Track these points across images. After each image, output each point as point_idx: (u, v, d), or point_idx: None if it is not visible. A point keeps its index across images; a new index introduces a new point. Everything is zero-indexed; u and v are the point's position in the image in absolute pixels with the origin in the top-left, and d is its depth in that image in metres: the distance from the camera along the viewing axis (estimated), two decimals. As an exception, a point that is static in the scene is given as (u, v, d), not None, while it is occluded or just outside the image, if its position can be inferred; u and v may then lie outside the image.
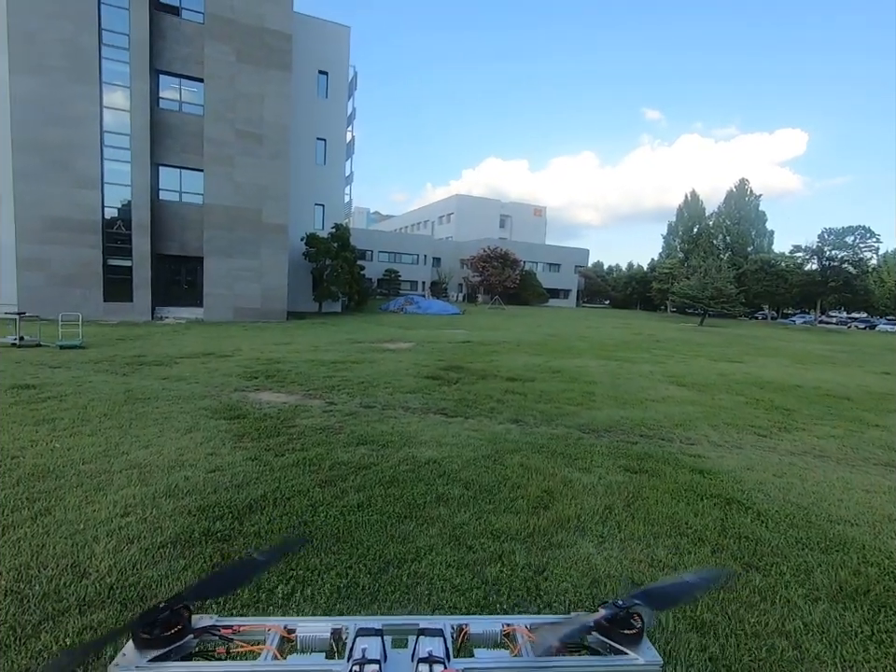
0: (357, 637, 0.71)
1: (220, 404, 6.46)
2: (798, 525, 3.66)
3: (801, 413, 7.73)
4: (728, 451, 5.61)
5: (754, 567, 3.04)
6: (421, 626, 0.74)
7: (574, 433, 5.94)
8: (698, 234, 59.00)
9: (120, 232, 19.07)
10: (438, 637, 0.71)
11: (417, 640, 0.72)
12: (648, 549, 3.21)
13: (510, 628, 0.78)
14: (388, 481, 4.10)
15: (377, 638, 0.70)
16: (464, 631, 0.77)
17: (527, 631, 0.77)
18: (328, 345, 13.21)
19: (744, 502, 4.02)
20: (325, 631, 0.76)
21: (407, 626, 0.76)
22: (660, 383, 9.83)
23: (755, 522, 3.68)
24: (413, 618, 0.78)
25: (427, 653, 0.67)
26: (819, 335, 32.58)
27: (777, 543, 3.35)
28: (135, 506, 3.46)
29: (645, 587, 0.82)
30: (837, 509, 4.04)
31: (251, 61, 20.15)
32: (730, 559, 3.11)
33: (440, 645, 0.70)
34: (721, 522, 3.64)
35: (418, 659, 0.67)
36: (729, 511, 3.85)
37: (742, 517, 3.74)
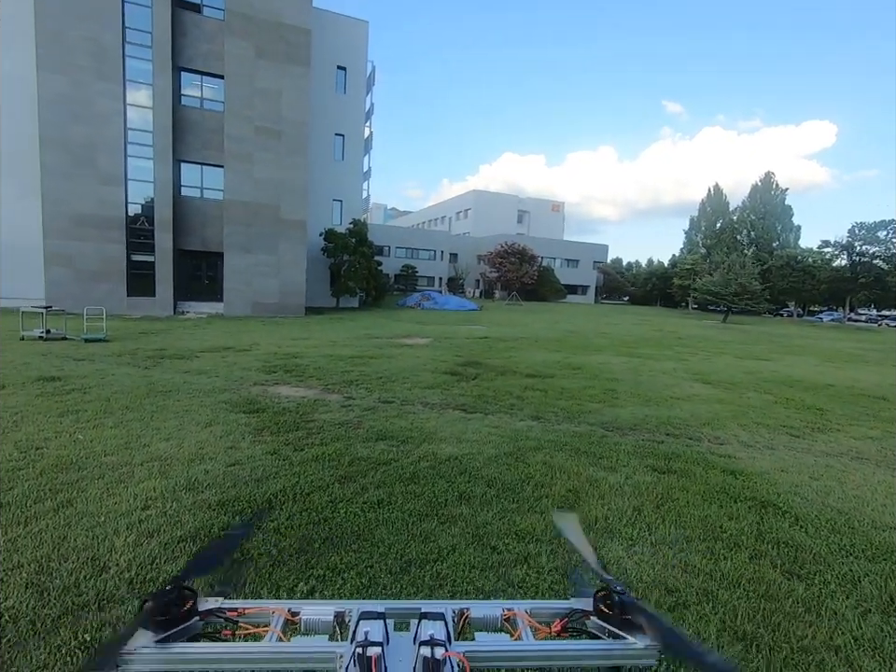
0: (359, 620, 0.72)
1: (240, 398, 6.46)
2: (840, 531, 3.47)
3: (835, 413, 7.42)
4: (760, 451, 5.39)
5: (796, 575, 2.87)
6: (423, 610, 0.74)
7: (597, 431, 5.78)
8: (721, 229, 57.62)
9: (143, 228, 19.37)
10: (439, 621, 0.72)
11: (419, 624, 0.72)
12: (681, 553, 3.06)
13: (510, 613, 0.79)
14: (409, 477, 4.01)
15: (379, 622, 0.71)
16: (465, 615, 0.78)
17: (527, 616, 0.78)
18: (345, 340, 13.21)
19: (780, 506, 3.83)
20: (328, 614, 0.77)
21: (409, 610, 0.77)
22: (684, 380, 9.56)
23: (794, 527, 3.50)
24: (415, 602, 0.79)
25: (428, 636, 0.68)
26: (848, 333, 31.57)
27: (818, 550, 3.17)
28: (156, 499, 3.44)
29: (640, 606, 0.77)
30: (881, 515, 3.82)
31: (270, 56, 20.23)
32: (769, 567, 2.94)
33: (441, 628, 0.70)
34: (757, 526, 3.47)
35: (420, 642, 0.67)
36: (765, 514, 3.67)
37: (779, 521, 3.56)
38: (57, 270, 18.20)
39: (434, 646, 0.66)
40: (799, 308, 53.53)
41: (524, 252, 45.12)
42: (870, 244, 40.10)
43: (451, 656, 0.66)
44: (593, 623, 0.78)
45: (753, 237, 56.14)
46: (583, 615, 0.79)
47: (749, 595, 2.65)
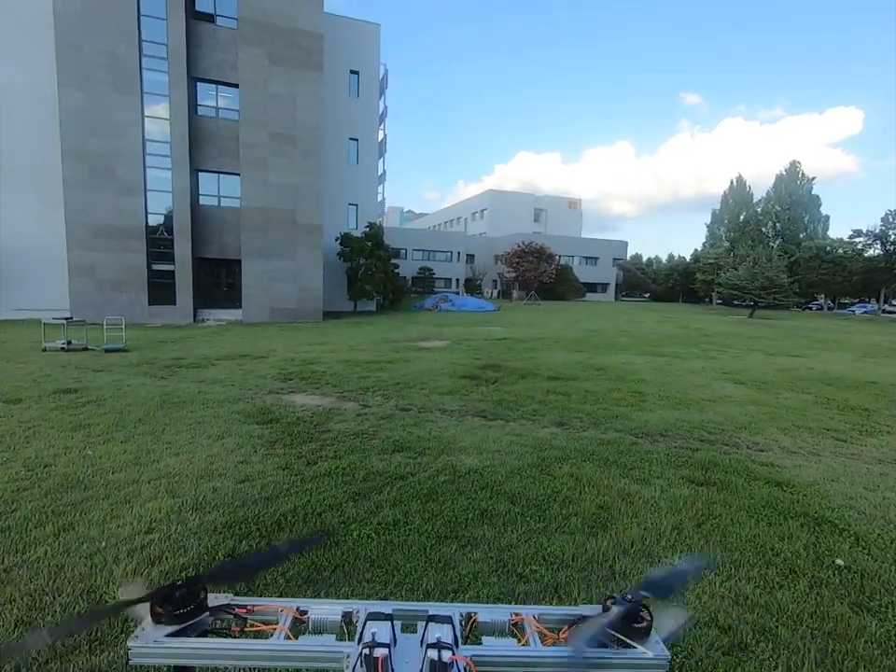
0: (367, 620, 0.72)
1: (254, 408, 6.31)
2: (909, 553, 3.10)
3: (881, 414, 6.93)
4: (805, 459, 5.00)
5: (865, 608, 2.53)
6: (430, 613, 0.74)
7: (626, 438, 5.45)
8: (745, 222, 56.07)
9: (163, 237, 19.60)
10: (447, 625, 0.71)
11: (426, 626, 0.71)
12: (730, 581, 2.74)
13: (518, 617, 0.78)
14: (426, 494, 3.77)
15: (387, 623, 0.71)
16: (472, 619, 0.77)
17: (535, 621, 0.77)
18: (362, 345, 13.06)
19: (837, 523, 3.47)
20: (336, 614, 0.77)
21: (416, 612, 0.76)
22: (715, 380, 9.11)
23: (854, 548, 3.14)
24: (422, 604, 0.78)
25: (435, 639, 0.67)
26: (884, 326, 30.24)
27: (887, 577, 2.82)
28: (161, 521, 3.27)
29: (647, 577, 0.80)
30: (952, 531, 3.43)
31: (283, 63, 20.28)
32: (833, 598, 2.61)
33: (448, 632, 0.69)
34: (813, 547, 3.12)
35: (427, 644, 0.67)
36: (820, 533, 3.32)
37: (838, 542, 3.21)
38: (80, 280, 18.52)
39: (441, 649, 0.65)
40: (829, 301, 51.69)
41: (541, 251, 44.58)
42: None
43: (458, 660, 0.65)
44: None
45: (779, 229, 54.48)
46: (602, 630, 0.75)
47: (813, 633, 2.33)
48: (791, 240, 51.26)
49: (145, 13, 18.35)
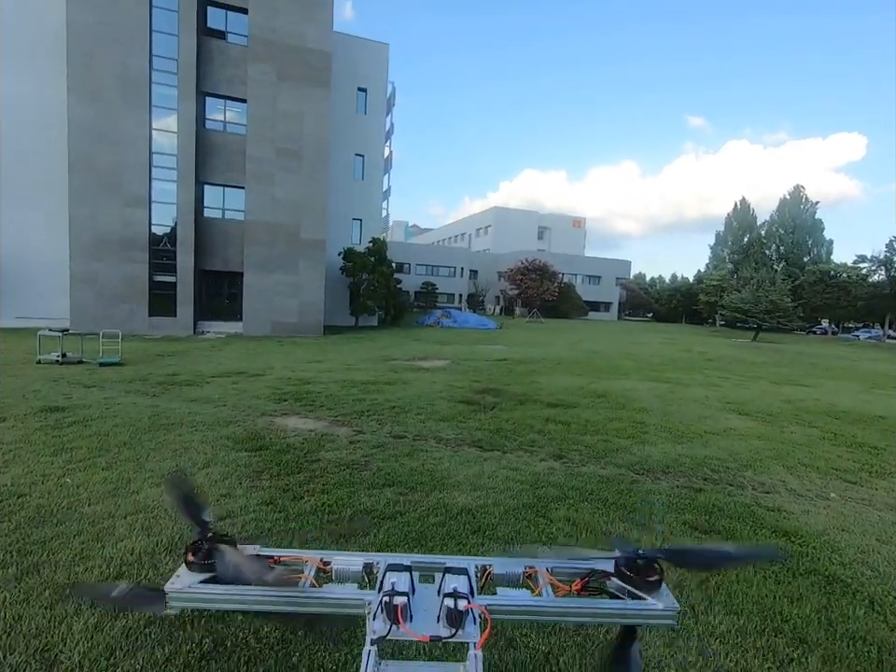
0: (387, 571, 0.74)
1: (244, 432, 6.14)
2: (928, 621, 2.89)
3: (892, 453, 6.71)
4: (812, 503, 4.79)
5: (884, 690, 2.33)
6: (447, 565, 0.76)
7: (626, 475, 5.25)
8: (749, 244, 56.16)
9: (166, 249, 19.64)
10: (463, 576, 0.73)
11: (443, 577, 0.74)
12: (735, 652, 2.54)
13: (531, 570, 0.81)
14: (415, 538, 3.58)
15: (406, 573, 0.73)
16: (487, 571, 0.81)
17: (548, 573, 0.80)
18: (361, 363, 12.91)
19: (849, 582, 3.27)
20: (357, 565, 0.81)
21: (434, 565, 0.80)
22: (718, 411, 8.91)
23: (869, 614, 2.93)
24: (440, 557, 0.83)
25: (452, 589, 0.70)
26: (889, 353, 29.96)
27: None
28: (132, 564, 3.09)
29: (673, 546, 0.82)
30: (973, 595, 3.22)
31: (292, 79, 20.52)
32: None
33: (464, 582, 0.72)
34: (825, 613, 2.91)
35: (444, 594, 0.70)
36: (832, 595, 3.11)
37: (851, 606, 3.00)
38: (82, 291, 18.51)
39: (457, 598, 0.68)
40: (833, 325, 51.43)
41: (544, 268, 44.60)
42: (909, 258, 38.35)
43: (473, 608, 0.67)
44: (613, 583, 0.77)
45: (783, 252, 54.55)
46: (604, 576, 0.78)
47: (828, 722, 2.13)
48: (795, 263, 51.24)
49: (157, 29, 18.65)
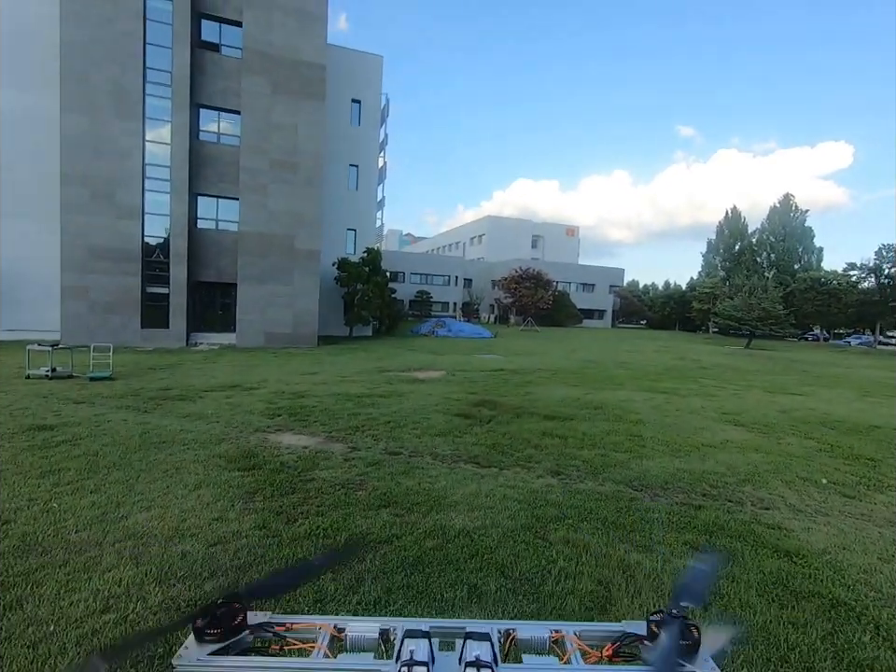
0: (404, 638, 0.70)
1: (237, 450, 6.04)
2: (934, 647, 2.84)
3: (888, 465, 6.70)
4: (812, 519, 4.75)
5: (895, 724, 2.27)
6: (468, 630, 0.72)
7: (625, 492, 5.20)
8: (740, 252, 56.68)
9: (159, 261, 19.51)
10: (485, 642, 0.69)
11: (464, 644, 0.69)
12: None
13: (558, 635, 0.75)
14: (412, 563, 3.50)
15: (425, 640, 0.69)
16: (511, 636, 0.75)
17: (577, 638, 0.75)
18: (355, 375, 12.82)
19: (853, 605, 3.22)
20: (373, 631, 0.76)
21: (454, 629, 0.75)
22: (715, 422, 8.89)
23: (875, 640, 2.88)
24: (460, 621, 0.77)
25: (474, 657, 0.65)
26: (881, 360, 30.20)
27: (915, 680, 2.56)
28: (119, 596, 2.99)
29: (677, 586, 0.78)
30: (978, 617, 3.18)
31: (286, 92, 20.57)
32: (858, 709, 2.35)
33: (487, 649, 0.68)
34: (830, 639, 2.86)
35: (466, 662, 0.65)
36: (837, 619, 3.06)
37: (857, 632, 2.95)
38: (73, 303, 18.32)
39: (480, 667, 0.64)
40: (825, 332, 51.85)
41: (538, 277, 44.76)
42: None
43: None
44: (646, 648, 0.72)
45: (773, 260, 55.06)
46: (636, 640, 0.74)
47: (839, 761, 2.06)
48: (786, 271, 51.72)
49: (151, 42, 18.66)
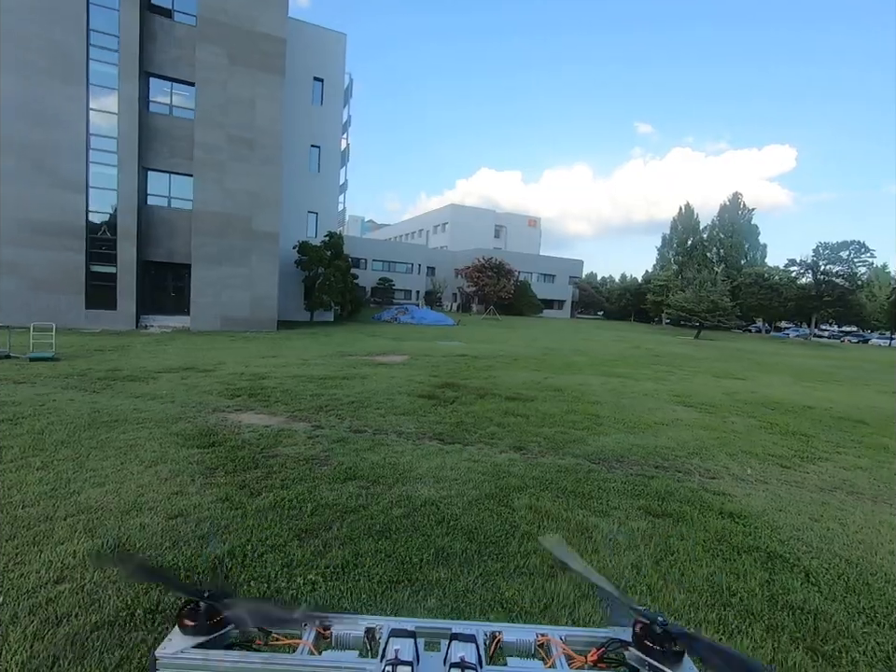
0: (390, 637, 0.70)
1: (195, 428, 5.87)
2: (856, 590, 3.15)
3: (820, 440, 7.26)
4: (753, 486, 5.11)
5: (820, 653, 2.52)
6: (454, 631, 0.72)
7: (583, 464, 5.41)
8: (692, 247, 59.09)
9: (105, 238, 18.43)
10: (471, 643, 0.69)
11: (450, 645, 0.70)
12: (689, 626, 2.67)
13: (544, 638, 0.76)
14: (379, 530, 3.54)
15: (410, 640, 0.69)
16: (497, 639, 0.75)
17: (562, 643, 0.75)
18: (317, 359, 12.63)
19: (787, 557, 3.51)
20: (359, 629, 0.76)
21: (440, 630, 0.75)
22: (666, 403, 9.34)
23: (805, 585, 3.16)
24: (446, 622, 0.77)
25: (459, 658, 0.66)
26: (815, 349, 32.42)
27: (838, 618, 2.83)
28: (74, 567, 2.88)
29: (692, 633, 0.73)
30: (892, 564, 3.54)
31: (244, 64, 19.71)
32: (790, 643, 2.58)
33: (472, 651, 0.68)
34: (767, 586, 3.12)
35: (450, 663, 0.65)
36: (773, 569, 3.34)
37: (790, 579, 3.22)
38: (10, 279, 17.08)
39: (465, 668, 0.64)
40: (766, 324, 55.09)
41: (501, 266, 45.20)
42: (833, 263, 41.59)
43: None
44: (632, 654, 0.72)
45: (722, 255, 57.69)
46: (621, 646, 0.74)
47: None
48: (733, 266, 54.37)
49: (95, 2, 17.41)
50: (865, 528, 4.17)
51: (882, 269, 60.19)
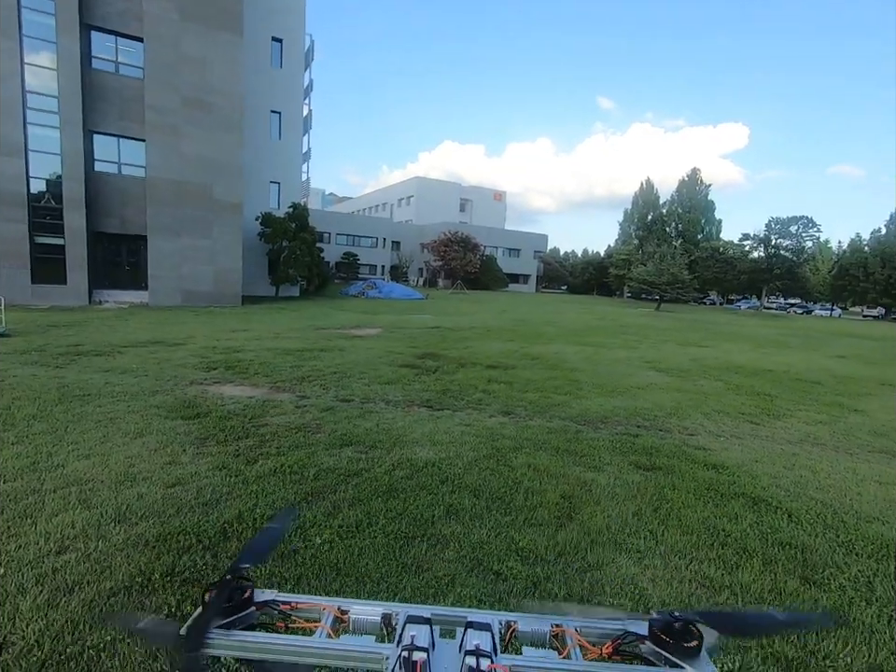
0: (406, 623, 0.72)
1: (176, 400, 5.66)
2: (832, 526, 3.42)
3: (782, 399, 7.73)
4: (729, 442, 5.41)
5: (812, 581, 2.74)
6: (469, 619, 0.74)
7: (571, 426, 5.57)
8: (652, 221, 60.52)
9: (50, 206, 17.14)
10: (486, 632, 0.71)
11: (465, 633, 0.71)
12: (693, 564, 2.84)
13: (559, 629, 0.77)
14: (386, 491, 3.55)
15: (426, 627, 0.71)
16: (512, 628, 0.77)
17: (577, 634, 0.76)
18: (290, 332, 12.34)
19: (770, 501, 3.76)
20: (376, 615, 0.78)
21: (455, 618, 0.77)
22: (639, 369, 9.68)
23: (790, 524, 3.41)
24: (461, 610, 0.78)
25: (474, 646, 0.67)
26: (766, 320, 34.20)
27: (822, 550, 3.07)
28: (75, 538, 2.76)
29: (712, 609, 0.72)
30: (860, 504, 3.85)
31: (197, 20, 18.39)
32: (784, 574, 2.79)
33: (487, 639, 0.69)
34: (757, 526, 3.34)
35: (465, 651, 0.67)
36: (759, 512, 3.57)
37: (776, 519, 3.46)
38: (-59, 253, 15.72)
39: (479, 656, 0.65)
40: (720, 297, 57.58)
41: (467, 240, 45.06)
42: (783, 237, 43.59)
43: (496, 668, 0.65)
44: (648, 648, 0.73)
45: (681, 230, 59.40)
46: (637, 639, 0.74)
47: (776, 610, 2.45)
48: (691, 240, 56.15)
49: (24, -58, 15.71)
50: (833, 475, 4.50)
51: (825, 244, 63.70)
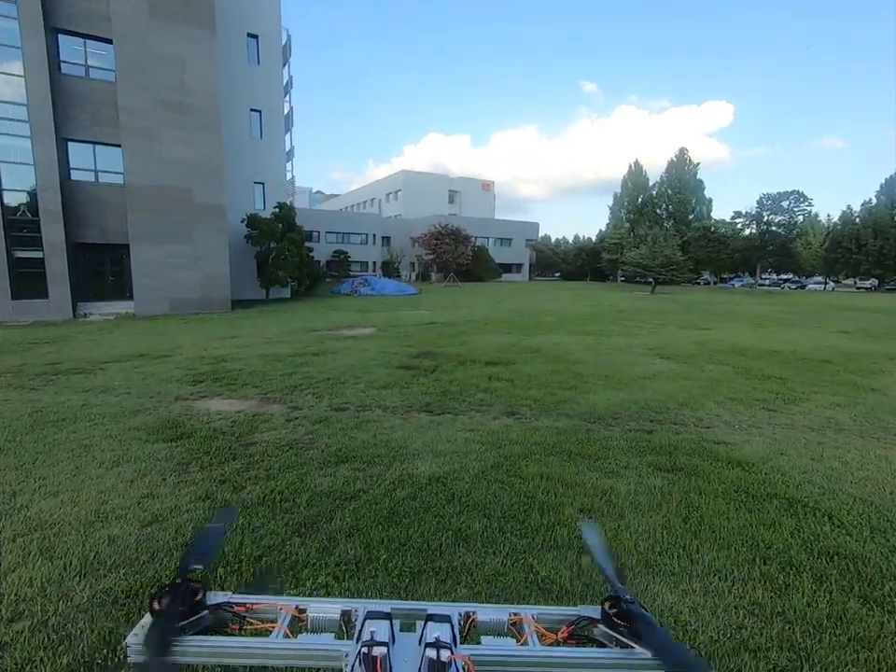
0: (366, 619, 0.71)
1: (158, 420, 5.29)
2: (879, 529, 3.11)
3: (795, 382, 7.44)
4: (748, 433, 5.10)
5: (873, 601, 2.42)
6: (429, 612, 0.73)
7: (581, 425, 5.25)
8: (643, 204, 60.08)
9: (26, 219, 16.57)
10: (445, 623, 0.70)
11: (425, 625, 0.70)
12: (736, 587, 2.52)
13: (516, 617, 0.77)
14: (387, 516, 3.21)
15: (386, 622, 0.70)
16: (471, 618, 0.77)
17: (534, 621, 0.76)
18: (281, 336, 11.94)
19: (806, 502, 3.45)
20: (335, 612, 0.77)
21: (415, 611, 0.76)
22: (643, 357, 9.37)
23: (835, 530, 3.09)
24: (421, 603, 0.77)
25: (434, 638, 0.67)
26: (761, 297, 34.01)
27: (875, 559, 2.76)
28: (31, 599, 2.40)
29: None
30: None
31: (167, 17, 17.75)
32: (840, 592, 2.47)
33: (447, 631, 0.69)
34: (798, 534, 3.03)
35: (425, 643, 0.67)
36: (797, 516, 3.26)
37: (817, 525, 3.15)
38: (-85, 272, 15.17)
39: (440, 648, 0.65)
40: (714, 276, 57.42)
41: (458, 232, 44.51)
42: (775, 213, 43.34)
43: (456, 659, 0.64)
44: (600, 630, 0.73)
45: (671, 211, 59.02)
46: (591, 623, 0.74)
47: (840, 641, 2.14)
48: (682, 221, 55.82)
49: (-20, -57, 15.03)
50: (866, 465, 4.20)
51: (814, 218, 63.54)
